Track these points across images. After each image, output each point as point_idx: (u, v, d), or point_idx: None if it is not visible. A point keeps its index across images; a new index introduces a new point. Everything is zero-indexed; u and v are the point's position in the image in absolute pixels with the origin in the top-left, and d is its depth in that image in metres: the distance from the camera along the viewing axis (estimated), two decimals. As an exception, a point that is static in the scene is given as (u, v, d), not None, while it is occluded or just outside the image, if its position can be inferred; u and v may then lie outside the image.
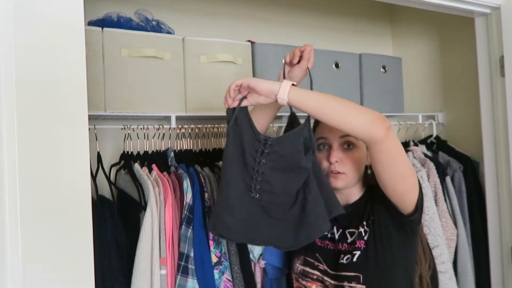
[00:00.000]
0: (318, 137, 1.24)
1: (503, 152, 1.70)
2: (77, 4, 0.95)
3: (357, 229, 1.21)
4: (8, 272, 0.87)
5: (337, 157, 1.20)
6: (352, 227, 1.23)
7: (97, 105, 1.42)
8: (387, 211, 1.17)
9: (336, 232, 1.25)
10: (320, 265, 1.23)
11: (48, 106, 0.91)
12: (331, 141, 1.22)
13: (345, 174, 1.21)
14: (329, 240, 1.25)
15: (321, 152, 1.24)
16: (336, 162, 1.20)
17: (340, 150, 1.21)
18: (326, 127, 1.22)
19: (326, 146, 1.23)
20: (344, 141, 1.21)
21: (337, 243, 1.23)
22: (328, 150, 1.23)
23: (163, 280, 1.28)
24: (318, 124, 1.28)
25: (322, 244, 1.26)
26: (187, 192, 1.37)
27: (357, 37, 2.40)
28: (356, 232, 1.21)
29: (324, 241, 1.26)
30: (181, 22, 1.84)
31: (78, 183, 0.94)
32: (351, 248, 1.19)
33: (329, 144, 1.22)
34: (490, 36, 1.73)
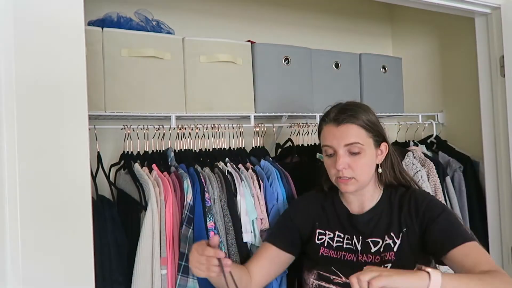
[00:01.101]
0: (323, 144, 1.23)
1: (503, 152, 1.70)
2: (77, 4, 0.95)
3: (382, 239, 1.18)
4: (8, 272, 0.87)
5: (344, 164, 1.18)
6: (376, 236, 1.20)
7: (97, 105, 1.42)
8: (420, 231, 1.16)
9: (357, 242, 1.21)
10: (337, 279, 1.18)
11: (48, 106, 0.91)
12: (337, 149, 1.19)
13: (354, 178, 1.19)
14: (347, 251, 1.21)
15: (328, 159, 1.22)
16: (344, 169, 1.18)
17: (347, 156, 1.18)
18: (330, 133, 1.20)
19: (332, 153, 1.21)
20: (350, 148, 1.18)
21: (360, 254, 1.19)
22: (335, 156, 1.20)
23: (163, 280, 1.28)
24: (322, 126, 1.25)
25: (338, 255, 1.21)
26: (187, 192, 1.37)
27: (357, 37, 2.40)
28: (380, 242, 1.18)
29: (341, 252, 1.22)
30: (181, 22, 1.84)
31: (78, 183, 0.94)
32: (378, 260, 1.16)
33: (335, 150, 1.19)
34: (490, 36, 1.73)
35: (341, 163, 1.17)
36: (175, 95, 1.56)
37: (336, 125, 1.19)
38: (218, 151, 1.67)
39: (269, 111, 1.75)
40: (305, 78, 1.85)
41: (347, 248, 1.22)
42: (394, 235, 1.18)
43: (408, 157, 1.83)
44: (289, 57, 1.80)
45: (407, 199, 1.22)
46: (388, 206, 1.23)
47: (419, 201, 1.20)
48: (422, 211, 1.17)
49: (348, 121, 1.18)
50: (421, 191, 1.26)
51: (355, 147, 1.17)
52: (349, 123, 1.18)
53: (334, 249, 1.23)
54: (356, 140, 1.18)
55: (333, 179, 1.22)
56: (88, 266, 0.94)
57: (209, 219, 1.37)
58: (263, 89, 1.74)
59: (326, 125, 1.22)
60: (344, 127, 1.18)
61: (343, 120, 1.19)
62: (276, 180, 1.53)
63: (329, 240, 1.25)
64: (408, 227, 1.18)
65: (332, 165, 1.20)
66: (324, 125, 1.23)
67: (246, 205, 1.46)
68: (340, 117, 1.19)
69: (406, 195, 1.23)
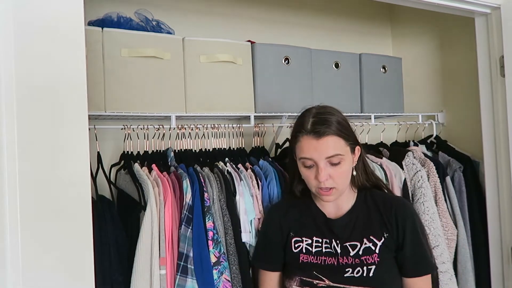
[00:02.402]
0: (302, 156, 1.19)
1: (503, 152, 1.70)
2: (77, 4, 0.95)
3: (360, 242, 1.20)
4: (8, 272, 0.87)
5: (326, 176, 1.17)
6: (354, 240, 1.22)
7: (97, 105, 1.42)
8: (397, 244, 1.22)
9: (336, 246, 1.23)
10: (320, 283, 1.20)
11: (48, 106, 0.91)
12: (317, 161, 1.17)
13: (335, 188, 1.19)
14: (327, 255, 1.23)
15: (307, 170, 1.20)
16: (326, 180, 1.17)
17: (328, 167, 1.17)
18: (310, 146, 1.17)
19: (312, 164, 1.19)
20: (331, 160, 1.17)
21: (340, 256, 1.21)
22: (315, 167, 1.18)
23: (162, 280, 1.28)
24: (299, 141, 1.20)
25: (319, 260, 1.22)
26: (186, 192, 1.37)
27: (357, 37, 2.40)
28: (359, 246, 1.20)
29: (321, 257, 1.23)
30: (181, 22, 1.84)
31: (78, 183, 0.94)
32: (358, 262, 1.18)
33: (315, 162, 1.18)
34: (490, 36, 1.73)
35: (323, 176, 1.16)
36: (175, 95, 1.56)
37: (316, 138, 1.16)
38: (218, 151, 1.67)
39: (269, 111, 1.76)
40: (305, 78, 1.85)
41: (326, 252, 1.22)
42: (374, 238, 1.21)
43: (408, 157, 1.83)
44: (289, 57, 1.80)
45: (387, 206, 1.25)
46: (365, 209, 1.25)
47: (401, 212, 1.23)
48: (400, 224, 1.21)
49: (327, 133, 1.16)
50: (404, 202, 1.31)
51: (336, 158, 1.17)
52: (329, 135, 1.16)
53: (314, 255, 1.23)
54: (337, 152, 1.17)
55: (313, 189, 1.22)
56: (88, 266, 0.94)
57: (208, 219, 1.37)
58: (263, 89, 1.74)
59: (304, 137, 1.18)
60: (324, 140, 1.16)
61: (323, 132, 1.16)
62: (273, 180, 1.53)
63: (307, 246, 1.25)
64: (389, 233, 1.22)
65: (311, 177, 1.19)
66: (300, 136, 1.19)
67: (245, 205, 1.46)
68: (319, 129, 1.16)
69: (384, 199, 1.27)
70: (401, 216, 1.23)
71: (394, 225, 1.22)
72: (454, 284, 1.69)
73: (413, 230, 1.22)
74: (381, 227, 1.22)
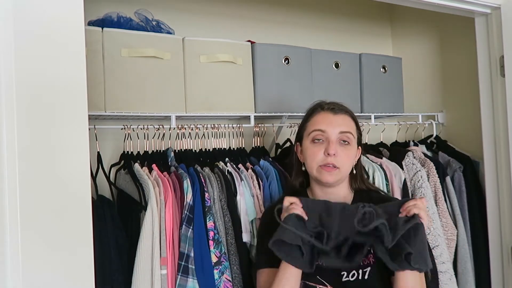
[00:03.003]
0: (315, 128, 1.22)
1: (503, 152, 1.70)
2: (77, 4, 0.95)
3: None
4: (8, 272, 0.87)
5: (335, 150, 1.19)
6: None
7: (97, 105, 1.42)
8: None
9: None
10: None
11: (48, 106, 0.91)
12: (330, 135, 1.20)
13: (339, 169, 1.20)
14: None
15: (314, 146, 1.22)
16: (334, 155, 1.19)
17: (338, 144, 1.21)
18: (325, 119, 1.22)
19: (322, 139, 1.21)
20: (342, 137, 1.21)
21: None
22: (324, 143, 1.21)
23: (163, 280, 1.28)
24: (313, 115, 1.26)
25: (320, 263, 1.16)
26: (187, 192, 1.37)
27: (357, 37, 2.40)
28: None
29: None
30: (181, 22, 1.84)
31: (78, 183, 0.94)
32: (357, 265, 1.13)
33: (327, 137, 1.20)
34: (490, 36, 1.73)
35: (333, 148, 1.19)
36: (175, 95, 1.56)
37: (333, 113, 1.23)
38: (218, 151, 1.67)
39: (269, 111, 1.76)
40: (305, 78, 1.85)
41: None
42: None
43: (408, 157, 1.83)
44: (289, 57, 1.80)
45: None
46: None
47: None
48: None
49: (344, 112, 1.25)
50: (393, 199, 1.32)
51: (347, 136, 1.22)
52: (345, 114, 1.25)
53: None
54: (349, 129, 1.22)
55: (315, 167, 1.21)
56: (88, 266, 0.94)
57: (208, 219, 1.37)
58: (263, 89, 1.74)
59: (320, 112, 1.24)
60: (341, 116, 1.24)
61: (340, 110, 1.25)
62: (274, 180, 1.53)
63: None
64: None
65: (318, 152, 1.20)
66: (315, 113, 1.25)
67: (245, 205, 1.46)
68: (337, 107, 1.25)
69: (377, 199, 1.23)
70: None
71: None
72: (454, 284, 1.69)
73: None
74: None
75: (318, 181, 1.23)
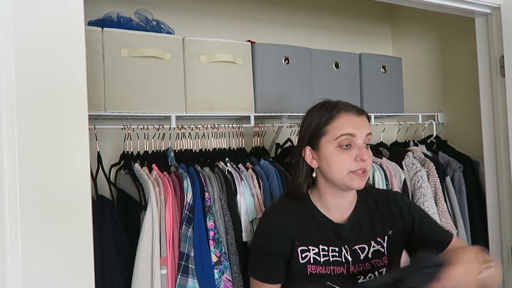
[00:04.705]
0: (343, 133, 1.11)
1: (503, 152, 1.70)
2: (77, 4, 0.95)
3: (368, 245, 1.16)
4: (8, 272, 0.87)
5: (367, 155, 1.11)
6: (362, 242, 1.16)
7: (97, 105, 1.42)
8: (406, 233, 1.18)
9: (346, 253, 1.15)
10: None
11: (48, 106, 0.91)
12: (358, 138, 1.11)
13: (367, 172, 1.13)
14: (335, 264, 1.14)
15: (342, 153, 1.11)
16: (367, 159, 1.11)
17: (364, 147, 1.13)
18: (351, 122, 1.12)
19: (351, 144, 1.11)
20: (366, 140, 1.13)
21: (351, 265, 1.14)
22: (353, 148, 1.11)
23: (163, 279, 1.28)
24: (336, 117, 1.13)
25: (328, 271, 1.13)
26: (187, 192, 1.37)
27: (357, 37, 2.40)
28: (367, 248, 1.16)
29: (329, 267, 1.13)
30: (181, 22, 1.84)
31: (78, 183, 0.94)
32: (369, 267, 1.14)
33: (354, 141, 1.11)
34: (490, 36, 1.73)
35: (365, 153, 1.10)
36: (175, 95, 1.56)
37: (357, 115, 1.14)
38: (218, 151, 1.67)
39: (269, 111, 1.76)
40: (305, 78, 1.85)
41: (334, 261, 1.14)
42: (380, 239, 1.17)
43: (408, 157, 1.83)
44: (289, 57, 1.80)
45: (384, 200, 1.22)
46: (367, 209, 1.21)
47: (398, 201, 1.21)
48: (405, 212, 1.19)
49: (364, 113, 1.17)
50: (395, 191, 1.28)
51: (369, 138, 1.14)
52: (365, 115, 1.17)
53: (322, 265, 1.13)
54: (371, 131, 1.15)
55: (345, 174, 1.11)
56: (88, 266, 0.94)
57: (208, 219, 1.37)
58: (263, 89, 1.74)
59: (343, 113, 1.12)
60: (364, 117, 1.15)
61: (362, 111, 1.16)
62: (275, 180, 1.53)
63: (315, 255, 1.14)
64: (393, 229, 1.19)
65: (348, 159, 1.10)
66: (338, 115, 1.12)
67: (246, 205, 1.46)
68: (359, 108, 1.16)
69: (381, 196, 1.23)
70: (402, 202, 1.21)
71: (398, 214, 1.19)
72: (454, 284, 1.69)
73: (418, 209, 1.22)
74: (384, 226, 1.18)
75: (342, 187, 1.14)
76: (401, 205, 1.21)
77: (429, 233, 1.17)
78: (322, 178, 1.18)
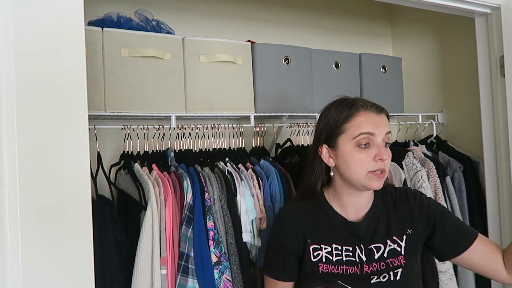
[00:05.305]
0: (362, 131, 1.07)
1: (503, 152, 1.70)
2: (77, 4, 0.95)
3: (384, 244, 1.11)
4: (8, 272, 0.87)
5: (387, 154, 1.08)
6: (377, 241, 1.12)
7: (97, 105, 1.42)
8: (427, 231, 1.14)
9: (361, 252, 1.11)
10: None
11: (48, 106, 0.91)
12: (378, 137, 1.07)
13: (385, 172, 1.09)
14: (348, 264, 1.11)
15: (361, 152, 1.08)
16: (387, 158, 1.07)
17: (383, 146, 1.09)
18: (371, 120, 1.08)
19: (370, 143, 1.08)
20: (386, 138, 1.09)
21: (365, 264, 1.10)
22: (372, 147, 1.08)
23: (163, 280, 1.28)
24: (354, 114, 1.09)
25: (340, 270, 1.11)
26: (187, 192, 1.37)
27: (357, 37, 2.40)
28: (382, 248, 1.11)
29: (342, 266, 1.11)
30: (181, 22, 1.84)
31: (78, 183, 0.94)
32: (384, 267, 1.10)
33: (374, 140, 1.07)
34: (490, 36, 1.73)
35: (385, 153, 1.07)
36: (175, 95, 1.56)
37: (376, 113, 1.10)
38: (218, 151, 1.67)
39: (269, 111, 1.76)
40: (305, 78, 1.85)
41: (347, 261, 1.11)
42: (398, 238, 1.12)
43: (408, 157, 1.83)
44: (289, 57, 1.80)
45: (403, 199, 1.17)
46: (384, 208, 1.16)
47: (418, 199, 1.16)
48: (425, 210, 1.14)
49: (384, 111, 1.13)
50: (414, 190, 1.23)
51: (388, 137, 1.10)
52: (384, 113, 1.12)
53: (335, 264, 1.11)
54: (390, 130, 1.11)
55: (364, 173, 1.07)
56: (88, 266, 0.94)
57: (208, 219, 1.37)
58: (263, 89, 1.74)
59: (362, 111, 1.09)
60: (383, 116, 1.11)
61: (382, 109, 1.12)
62: (275, 180, 1.53)
63: (327, 254, 1.12)
64: (413, 228, 1.13)
65: (366, 158, 1.07)
66: (357, 112, 1.09)
67: (246, 205, 1.46)
68: (378, 106, 1.12)
69: (399, 195, 1.18)
70: (421, 200, 1.16)
71: (418, 213, 1.14)
72: (454, 284, 1.69)
73: (439, 206, 1.16)
74: (402, 224, 1.13)
75: (359, 187, 1.11)
76: (421, 203, 1.15)
77: (452, 231, 1.12)
78: (339, 177, 1.15)
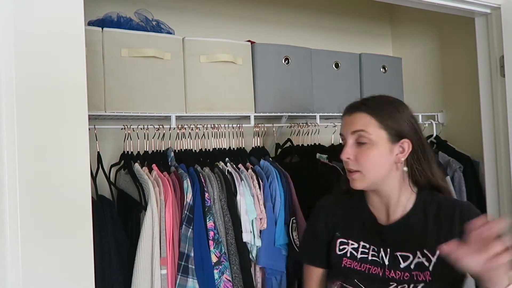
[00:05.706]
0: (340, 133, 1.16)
1: (503, 152, 1.70)
2: (77, 4, 0.95)
3: (413, 255, 1.05)
4: (8, 272, 0.87)
5: (348, 154, 1.08)
6: (407, 250, 1.06)
7: (97, 105, 1.42)
8: None
9: (384, 256, 1.08)
10: None
11: (48, 106, 0.91)
12: (346, 137, 1.11)
13: (360, 172, 1.08)
14: (372, 263, 1.09)
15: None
16: (348, 159, 1.08)
17: (354, 147, 1.09)
18: (343, 120, 1.14)
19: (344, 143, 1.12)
20: (356, 137, 1.08)
21: (387, 269, 1.06)
22: None
23: (163, 280, 1.28)
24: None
25: (363, 268, 1.09)
26: (187, 192, 1.37)
27: (357, 37, 2.40)
28: (411, 258, 1.05)
29: (365, 264, 1.09)
30: (181, 22, 1.84)
31: (78, 183, 0.94)
32: (408, 277, 1.03)
33: (345, 141, 1.11)
34: (490, 36, 1.73)
35: (345, 152, 1.09)
36: (175, 95, 1.56)
37: (348, 114, 1.13)
38: (218, 151, 1.67)
39: (269, 111, 1.76)
40: (305, 78, 1.85)
41: (372, 260, 1.09)
42: (429, 252, 1.04)
43: None
44: (289, 57, 1.80)
45: (449, 212, 1.07)
46: (423, 216, 1.09)
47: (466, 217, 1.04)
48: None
49: (359, 109, 1.11)
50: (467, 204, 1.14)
51: (362, 136, 1.07)
52: (360, 111, 1.10)
53: (358, 261, 1.10)
54: (363, 128, 1.07)
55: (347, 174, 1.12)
56: (88, 266, 0.94)
57: (208, 219, 1.37)
58: (263, 89, 1.74)
59: (343, 116, 1.15)
60: (354, 115, 1.11)
61: (356, 108, 1.12)
62: (275, 180, 1.53)
63: (353, 250, 1.12)
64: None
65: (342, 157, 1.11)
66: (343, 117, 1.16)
67: (246, 205, 1.46)
68: (354, 105, 1.13)
69: (446, 205, 1.09)
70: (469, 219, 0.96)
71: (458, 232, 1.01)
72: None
73: None
74: (439, 240, 1.01)
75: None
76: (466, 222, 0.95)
77: None
78: None
